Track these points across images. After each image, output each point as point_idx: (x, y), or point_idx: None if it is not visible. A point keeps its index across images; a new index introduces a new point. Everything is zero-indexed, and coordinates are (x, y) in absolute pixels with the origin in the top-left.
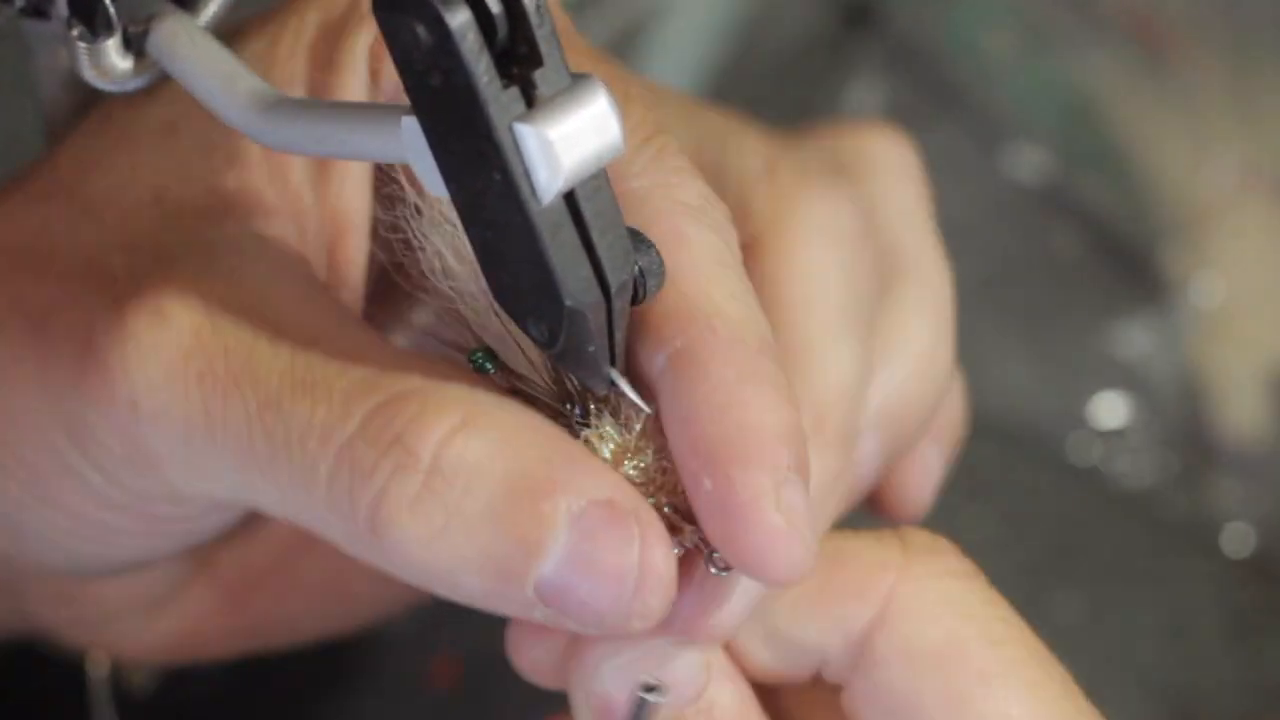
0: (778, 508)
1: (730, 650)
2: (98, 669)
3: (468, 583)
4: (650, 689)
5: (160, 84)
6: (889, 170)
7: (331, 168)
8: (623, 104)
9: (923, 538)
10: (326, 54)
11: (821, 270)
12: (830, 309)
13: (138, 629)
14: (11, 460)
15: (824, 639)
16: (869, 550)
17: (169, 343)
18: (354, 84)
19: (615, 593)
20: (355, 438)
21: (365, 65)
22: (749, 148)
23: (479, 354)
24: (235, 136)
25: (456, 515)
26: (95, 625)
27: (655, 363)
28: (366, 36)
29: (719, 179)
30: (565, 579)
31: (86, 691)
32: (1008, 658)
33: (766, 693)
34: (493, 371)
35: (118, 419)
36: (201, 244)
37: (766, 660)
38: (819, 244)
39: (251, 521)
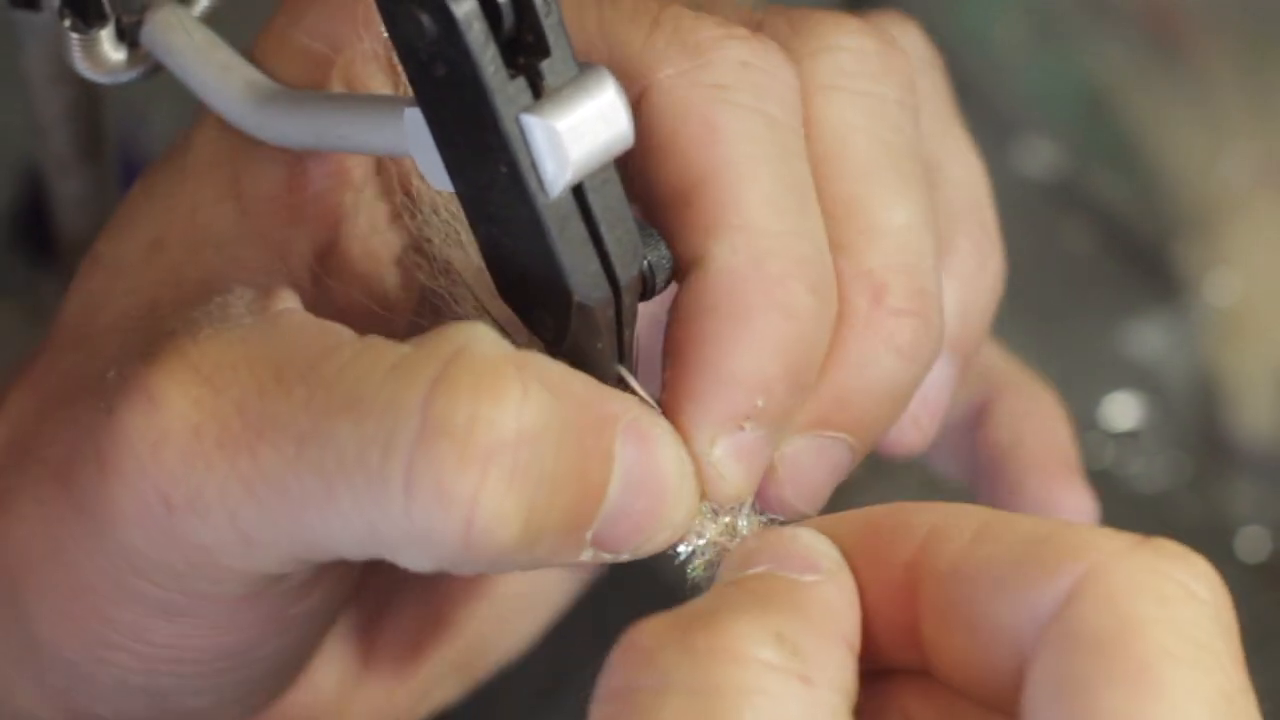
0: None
1: (932, 646)
2: None
3: (544, 548)
4: None
5: (132, 201)
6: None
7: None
8: None
9: (1169, 545)
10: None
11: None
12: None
13: None
14: (74, 622)
15: (1016, 619)
16: (1071, 532)
17: (173, 424)
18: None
19: (666, 499)
20: (424, 430)
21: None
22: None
23: None
24: (217, 225)
25: (544, 482)
26: None
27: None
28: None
29: None
30: (623, 505)
31: None
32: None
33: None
34: None
35: (155, 525)
36: (182, 325)
37: (966, 649)
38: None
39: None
